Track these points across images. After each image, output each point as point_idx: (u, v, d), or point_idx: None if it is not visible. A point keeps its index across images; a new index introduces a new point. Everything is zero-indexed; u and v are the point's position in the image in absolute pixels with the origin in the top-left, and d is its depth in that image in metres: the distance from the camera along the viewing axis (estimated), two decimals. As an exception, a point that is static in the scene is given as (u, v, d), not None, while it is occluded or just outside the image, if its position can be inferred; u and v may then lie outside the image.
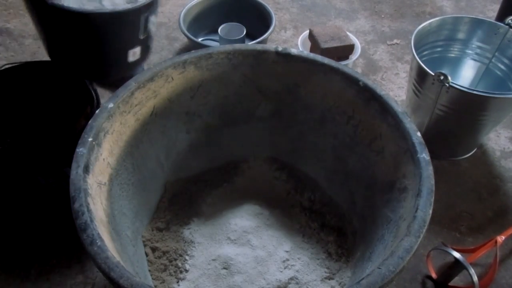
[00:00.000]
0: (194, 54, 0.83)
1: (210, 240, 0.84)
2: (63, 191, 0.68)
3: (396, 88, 1.33)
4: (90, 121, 0.69)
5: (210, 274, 0.79)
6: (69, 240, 0.91)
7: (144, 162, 0.83)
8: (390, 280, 0.54)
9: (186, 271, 0.80)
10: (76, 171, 0.62)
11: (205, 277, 0.79)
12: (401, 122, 0.71)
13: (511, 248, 0.96)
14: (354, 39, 1.25)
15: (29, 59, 1.12)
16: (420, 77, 1.02)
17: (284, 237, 0.85)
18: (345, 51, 1.20)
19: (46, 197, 0.94)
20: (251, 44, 0.90)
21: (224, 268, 0.79)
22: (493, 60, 1.12)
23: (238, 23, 1.30)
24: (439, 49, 1.16)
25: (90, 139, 0.67)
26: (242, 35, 1.26)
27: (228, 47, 0.85)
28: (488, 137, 1.19)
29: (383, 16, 1.62)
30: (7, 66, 0.97)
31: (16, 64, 0.97)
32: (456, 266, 0.85)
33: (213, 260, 0.81)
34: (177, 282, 0.79)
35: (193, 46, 1.24)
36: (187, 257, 0.82)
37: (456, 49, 1.17)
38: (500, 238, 0.88)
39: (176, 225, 0.87)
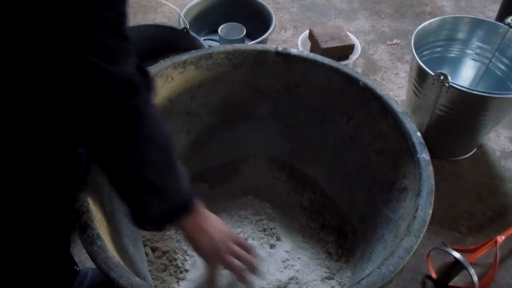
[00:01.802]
0: (194, 54, 0.83)
1: (210, 240, 0.84)
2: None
3: (396, 88, 1.33)
4: (90, 121, 0.69)
5: (210, 274, 0.79)
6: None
7: (144, 162, 0.82)
8: (390, 280, 0.54)
9: (186, 271, 0.80)
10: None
11: (205, 277, 0.79)
12: (401, 122, 0.71)
13: (511, 248, 0.96)
14: (354, 39, 1.25)
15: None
16: (420, 77, 1.02)
17: (284, 237, 0.85)
18: (345, 51, 1.20)
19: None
20: (251, 44, 0.90)
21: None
22: (493, 60, 1.12)
23: (238, 23, 1.30)
24: (439, 49, 1.16)
25: (90, 139, 0.66)
26: (242, 35, 1.26)
27: (228, 47, 0.85)
28: (488, 137, 1.19)
29: (383, 16, 1.62)
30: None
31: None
32: (456, 266, 0.85)
33: (213, 260, 0.81)
34: (177, 282, 0.79)
35: (193, 46, 1.24)
36: (187, 257, 0.82)
37: (456, 49, 1.17)
38: (500, 238, 0.88)
39: (176, 225, 0.87)
